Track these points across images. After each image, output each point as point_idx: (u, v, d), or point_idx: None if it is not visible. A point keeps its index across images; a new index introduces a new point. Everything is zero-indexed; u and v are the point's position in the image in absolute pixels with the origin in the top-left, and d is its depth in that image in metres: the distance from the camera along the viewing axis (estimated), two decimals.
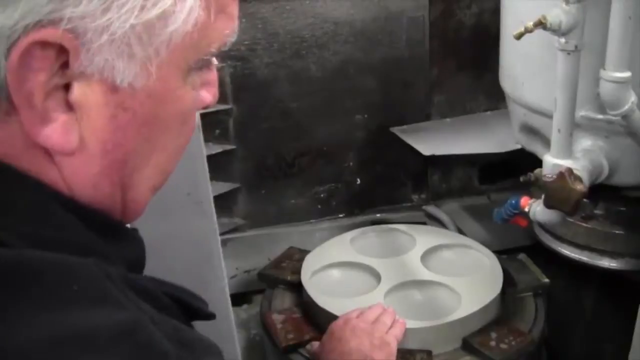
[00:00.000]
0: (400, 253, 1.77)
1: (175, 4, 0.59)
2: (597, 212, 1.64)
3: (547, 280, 1.74)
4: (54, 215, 0.61)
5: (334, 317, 1.50)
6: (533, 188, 1.61)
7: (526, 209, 1.54)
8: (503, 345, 1.50)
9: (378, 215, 2.17)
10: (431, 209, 2.18)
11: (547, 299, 1.75)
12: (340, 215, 2.20)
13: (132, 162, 0.66)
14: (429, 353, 1.48)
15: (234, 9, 0.67)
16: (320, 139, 2.11)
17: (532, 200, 1.54)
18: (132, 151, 0.65)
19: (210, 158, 2.00)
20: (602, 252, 1.63)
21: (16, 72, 0.56)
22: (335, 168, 2.15)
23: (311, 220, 2.18)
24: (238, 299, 2.02)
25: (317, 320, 1.61)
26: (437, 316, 1.54)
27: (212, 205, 1.01)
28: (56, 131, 0.59)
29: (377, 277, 1.67)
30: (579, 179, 1.37)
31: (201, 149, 0.98)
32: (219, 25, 0.64)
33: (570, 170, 1.37)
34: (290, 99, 2.06)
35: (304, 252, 1.84)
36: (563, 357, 1.97)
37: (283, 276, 1.79)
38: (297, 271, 1.75)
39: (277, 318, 1.65)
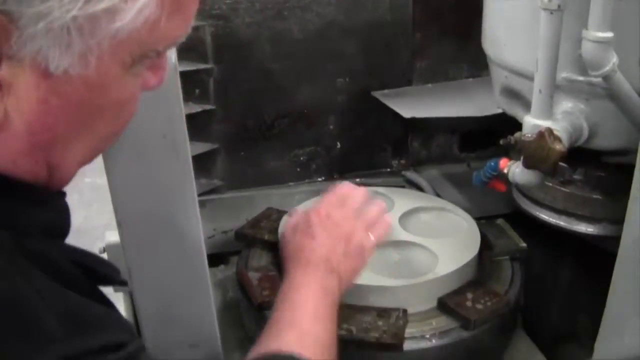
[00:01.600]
0: None
1: (125, 0, 0.57)
2: (576, 177, 1.64)
3: (524, 244, 1.74)
4: None
5: None
6: (512, 152, 1.61)
7: (505, 171, 1.54)
8: (478, 306, 1.50)
9: (357, 179, 2.15)
10: (410, 174, 2.17)
11: (524, 269, 1.75)
12: (320, 179, 2.19)
13: (60, 144, 0.64)
14: (404, 311, 1.48)
15: (191, 10, 0.65)
16: (300, 101, 2.09)
17: (511, 162, 1.53)
18: (62, 134, 0.63)
19: (189, 118, 1.99)
20: (580, 217, 1.63)
21: None
22: (316, 131, 2.14)
23: (290, 183, 2.17)
24: (215, 259, 2.01)
25: None
26: (413, 276, 1.54)
27: (188, 148, 1.00)
28: None
29: None
30: (558, 139, 1.37)
31: (177, 90, 0.96)
32: (171, 25, 0.62)
33: (550, 130, 1.37)
34: (272, 61, 2.04)
35: (282, 213, 1.83)
36: (538, 327, 1.97)
37: (260, 235, 1.78)
38: (275, 231, 1.74)
39: (253, 275, 1.64)
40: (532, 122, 1.43)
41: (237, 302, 1.78)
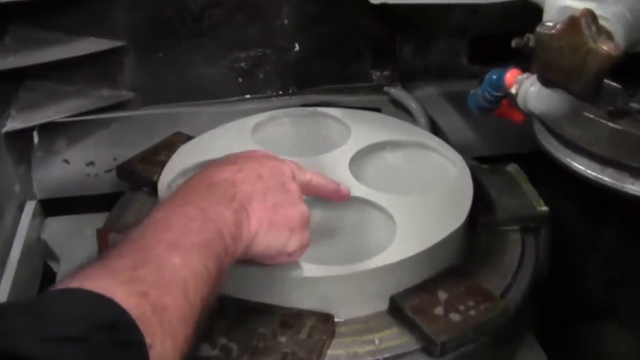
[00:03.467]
0: (321, 151, 1.16)
1: None
2: (635, 105, 1.01)
3: (545, 208, 1.13)
4: None
5: None
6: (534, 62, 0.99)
7: (513, 90, 0.92)
8: (454, 317, 0.90)
9: (323, 96, 1.54)
10: (397, 92, 1.54)
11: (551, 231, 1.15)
12: (270, 94, 1.57)
13: None
14: (324, 318, 0.89)
15: None
16: None
17: (523, 75, 0.91)
18: None
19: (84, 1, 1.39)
20: (636, 172, 1.01)
21: None
22: (264, 27, 1.50)
23: (229, 99, 1.56)
24: (115, 200, 1.43)
25: None
26: (351, 258, 0.93)
27: None
28: None
29: None
30: (606, 32, 0.74)
31: None
32: None
33: (590, 14, 0.73)
34: None
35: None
36: (566, 309, 1.38)
37: (148, 174, 1.19)
38: None
39: (114, 238, 1.06)
40: (559, 4, 0.79)
41: None
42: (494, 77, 0.98)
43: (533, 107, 0.88)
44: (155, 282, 0.63)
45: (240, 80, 1.55)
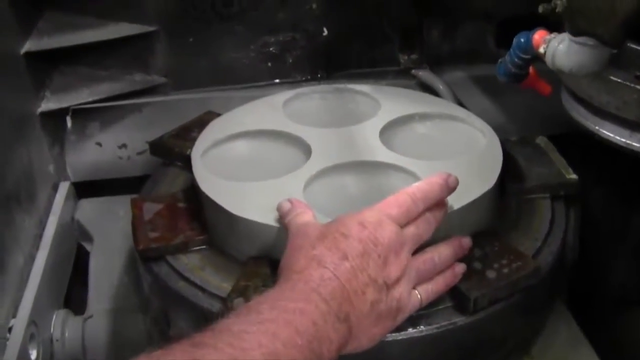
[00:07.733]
0: (351, 122, 1.17)
1: None
2: None
3: (574, 176, 1.13)
4: None
5: (220, 211, 0.93)
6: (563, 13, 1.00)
7: (542, 50, 0.93)
8: (489, 274, 0.91)
9: (351, 80, 1.55)
10: (425, 74, 1.55)
11: (577, 213, 1.15)
12: (299, 79, 1.59)
13: None
14: None
15: None
16: None
17: (550, 35, 0.92)
18: None
19: None
20: None
21: None
22: (293, 11, 1.52)
23: (259, 83, 1.57)
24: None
25: (203, 213, 1.03)
26: None
27: None
28: None
29: (306, 153, 1.08)
30: None
31: None
32: None
33: None
34: None
35: None
36: (596, 295, 1.37)
37: (181, 149, 1.21)
38: None
39: (148, 208, 1.07)
40: None
41: None
42: (522, 39, 0.98)
43: (561, 64, 0.88)
44: None
45: (269, 64, 1.56)
